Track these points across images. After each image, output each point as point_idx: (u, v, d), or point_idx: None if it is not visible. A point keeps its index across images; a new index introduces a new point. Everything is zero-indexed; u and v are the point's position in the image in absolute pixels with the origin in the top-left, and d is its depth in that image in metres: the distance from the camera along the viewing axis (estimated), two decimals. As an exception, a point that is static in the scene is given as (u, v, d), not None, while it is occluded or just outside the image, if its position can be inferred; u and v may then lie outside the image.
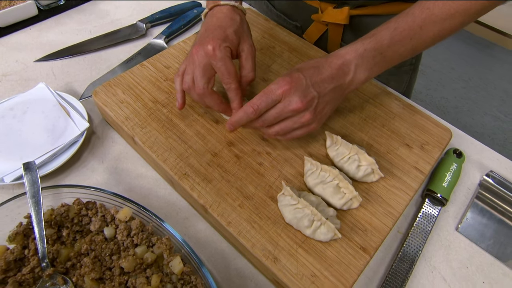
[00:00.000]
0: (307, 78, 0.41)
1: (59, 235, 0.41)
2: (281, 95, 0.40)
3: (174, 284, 0.38)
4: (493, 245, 0.48)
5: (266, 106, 0.41)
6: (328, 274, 0.39)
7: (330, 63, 0.42)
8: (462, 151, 0.55)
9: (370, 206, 0.45)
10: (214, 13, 0.48)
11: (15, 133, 0.49)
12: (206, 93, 0.44)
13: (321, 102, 0.42)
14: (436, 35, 0.42)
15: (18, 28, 0.68)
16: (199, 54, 0.43)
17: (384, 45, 0.42)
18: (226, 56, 0.43)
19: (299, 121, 0.41)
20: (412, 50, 0.43)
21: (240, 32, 0.47)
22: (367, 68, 0.43)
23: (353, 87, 0.44)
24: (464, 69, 2.07)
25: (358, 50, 0.42)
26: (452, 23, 0.41)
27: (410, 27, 0.41)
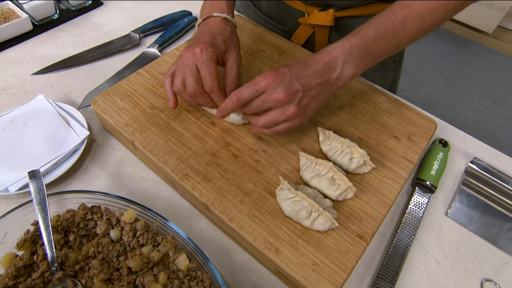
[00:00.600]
0: (292, 73, 0.42)
1: (66, 240, 0.42)
2: (264, 86, 0.41)
3: (181, 280, 0.39)
4: (480, 227, 0.50)
5: (249, 95, 0.42)
6: (328, 262, 0.40)
7: (318, 60, 0.44)
8: (448, 141, 0.57)
9: (364, 196, 0.46)
10: (207, 22, 0.51)
11: (17, 144, 0.50)
12: (197, 93, 0.46)
13: (306, 96, 0.43)
14: (419, 30, 0.43)
15: (14, 44, 0.68)
16: (188, 56, 0.46)
17: (369, 41, 0.43)
18: (211, 59, 0.45)
19: (284, 113, 0.42)
20: (397, 45, 0.44)
21: (228, 42, 0.49)
22: (354, 64, 0.44)
23: (341, 83, 0.45)
24: (445, 66, 2.13)
25: (345, 47, 0.43)
26: (432, 18, 0.42)
27: (393, 23, 0.43)
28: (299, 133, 0.52)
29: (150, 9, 0.80)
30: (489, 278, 0.45)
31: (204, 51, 0.45)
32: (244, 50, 0.64)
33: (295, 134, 0.52)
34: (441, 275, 0.45)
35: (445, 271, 0.46)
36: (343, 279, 0.39)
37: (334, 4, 0.59)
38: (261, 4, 0.73)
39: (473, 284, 0.45)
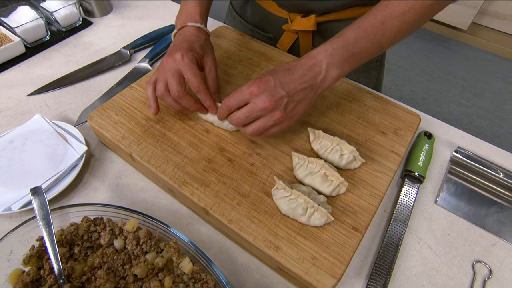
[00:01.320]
0: (276, 80, 0.43)
1: (71, 253, 0.42)
2: (248, 94, 0.43)
3: (186, 283, 0.40)
4: (468, 212, 0.52)
5: (236, 103, 0.44)
6: (326, 255, 0.41)
7: (302, 65, 0.44)
8: (432, 133, 0.59)
9: (356, 190, 0.47)
10: (182, 32, 0.53)
11: (17, 164, 0.50)
12: (181, 96, 0.48)
13: (292, 102, 0.43)
14: (399, 30, 0.44)
15: (7, 67, 0.68)
16: (169, 62, 0.47)
17: (351, 43, 0.44)
18: (192, 62, 0.47)
19: (271, 119, 0.43)
20: (378, 45, 0.45)
21: (204, 47, 0.52)
22: (338, 66, 0.45)
23: (326, 85, 0.45)
24: (426, 63, 2.17)
25: (328, 50, 0.44)
26: (411, 17, 0.43)
27: (373, 24, 0.44)
28: (291, 134, 0.53)
29: (138, 26, 0.81)
30: (480, 259, 0.47)
31: (185, 55, 0.47)
32: (232, 59, 0.65)
33: (286, 136, 0.53)
34: (435, 260, 0.46)
35: (438, 256, 0.47)
36: (342, 270, 0.40)
37: (315, 9, 0.61)
38: (246, 14, 0.75)
39: (465, 266, 0.46)
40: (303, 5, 0.61)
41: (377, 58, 0.72)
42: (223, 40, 0.69)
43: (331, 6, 0.60)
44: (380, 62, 0.74)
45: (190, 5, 0.54)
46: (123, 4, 0.88)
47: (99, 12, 0.83)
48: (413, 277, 0.45)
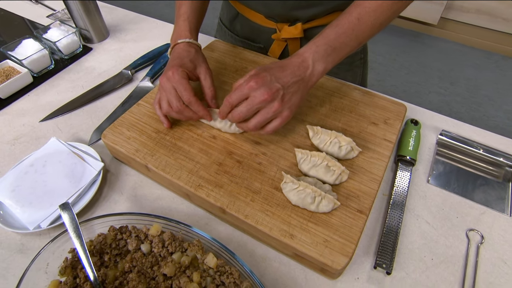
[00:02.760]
0: (271, 75, 0.46)
1: (102, 261, 0.44)
2: (247, 89, 0.45)
3: (212, 276, 0.42)
4: (457, 187, 0.55)
5: (237, 98, 0.47)
6: (337, 237, 0.43)
7: (292, 62, 0.48)
8: (418, 120, 0.63)
9: (357, 177, 0.50)
10: (175, 49, 0.57)
11: (40, 185, 0.51)
12: (181, 109, 0.51)
13: (287, 93, 0.47)
14: (374, 23, 0.48)
15: (18, 97, 0.70)
16: (164, 81, 0.51)
17: (332, 39, 0.48)
18: (182, 77, 0.51)
19: (271, 110, 0.46)
20: (356, 39, 0.49)
21: (195, 60, 0.55)
22: (323, 60, 0.48)
23: (315, 78, 0.49)
24: (404, 58, 2.24)
25: (312, 48, 0.48)
26: (384, 11, 0.47)
27: (349, 21, 0.48)
28: (291, 133, 0.56)
29: (135, 48, 0.84)
30: (472, 227, 0.50)
31: (175, 72, 0.50)
32: (228, 69, 0.68)
33: (288, 135, 0.56)
34: (433, 233, 0.49)
35: (435, 229, 0.50)
36: (352, 249, 0.42)
37: (300, 18, 0.64)
38: (235, 28, 0.78)
39: (460, 235, 0.49)
40: (289, 14, 0.65)
41: (360, 57, 0.76)
42: (218, 53, 0.72)
43: (315, 13, 0.63)
44: (364, 60, 0.78)
45: (180, 23, 0.58)
46: (118, 28, 0.91)
47: (97, 38, 0.85)
48: (415, 250, 0.48)
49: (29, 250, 0.48)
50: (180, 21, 0.57)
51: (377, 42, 2.33)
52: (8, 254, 0.48)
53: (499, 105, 1.90)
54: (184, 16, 0.56)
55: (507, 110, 1.87)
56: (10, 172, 0.54)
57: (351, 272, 0.46)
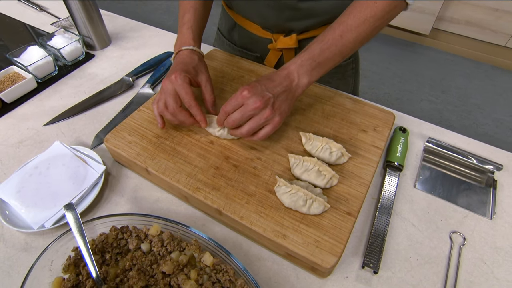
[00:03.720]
0: (262, 85, 0.50)
1: (103, 259, 0.46)
2: (241, 98, 0.49)
3: (208, 274, 0.44)
4: (442, 192, 0.58)
5: (232, 107, 0.50)
6: (327, 238, 0.46)
7: (279, 74, 0.51)
8: (406, 128, 0.66)
9: (346, 181, 0.53)
10: (178, 55, 0.59)
11: (44, 186, 0.53)
12: (177, 112, 0.53)
13: (277, 101, 0.50)
14: (356, 39, 0.51)
15: (22, 101, 0.72)
16: (166, 83, 0.53)
17: (316, 54, 0.51)
18: (185, 82, 0.53)
19: (263, 117, 0.49)
20: (340, 54, 0.52)
21: (197, 67, 0.57)
22: (307, 74, 0.51)
23: (300, 89, 0.52)
24: (397, 67, 2.29)
25: (297, 62, 0.51)
26: (366, 28, 0.50)
27: (333, 37, 0.51)
28: (285, 139, 0.58)
29: (136, 55, 0.86)
30: (455, 230, 0.52)
31: (178, 76, 0.52)
32: (226, 78, 0.71)
33: (282, 141, 0.58)
34: (418, 235, 0.52)
35: (420, 231, 0.52)
36: (341, 249, 0.44)
37: (295, 29, 0.67)
38: (233, 38, 0.81)
39: (444, 237, 0.51)
40: (284, 26, 0.67)
41: (352, 67, 0.79)
42: (216, 62, 0.75)
43: (309, 25, 0.66)
44: (355, 69, 0.81)
45: (184, 31, 0.60)
46: (120, 36, 0.93)
47: (99, 45, 0.87)
48: (401, 251, 0.50)
49: (33, 249, 0.50)
50: (184, 29, 0.59)
51: (371, 51, 2.38)
52: (13, 253, 0.49)
53: (488, 113, 1.94)
54: (188, 24, 0.59)
55: (496, 118, 1.92)
56: (15, 174, 0.55)
57: (340, 271, 0.48)
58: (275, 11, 0.64)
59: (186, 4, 0.60)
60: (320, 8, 0.62)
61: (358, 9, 0.50)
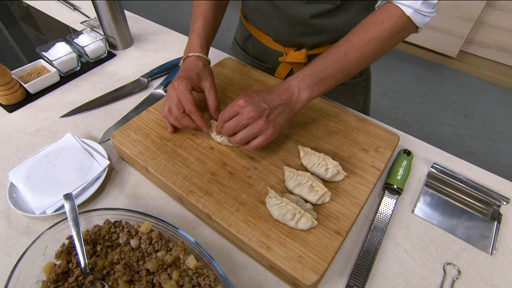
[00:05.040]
0: (259, 96, 0.50)
1: (94, 250, 0.47)
2: (237, 107, 0.49)
3: (190, 277, 0.44)
4: (442, 220, 0.56)
5: (228, 115, 0.51)
6: (311, 255, 0.45)
7: (279, 87, 0.52)
8: (411, 151, 0.64)
9: (340, 199, 0.52)
10: (185, 62, 0.61)
11: (51, 175, 0.56)
12: (179, 117, 0.55)
13: (273, 113, 0.50)
14: (360, 58, 0.51)
15: (45, 93, 0.76)
16: (170, 90, 0.56)
17: (318, 70, 0.51)
18: (186, 89, 0.54)
19: (256, 127, 0.49)
20: (343, 71, 0.52)
21: (201, 73, 0.59)
22: (308, 89, 0.51)
23: (300, 103, 0.52)
24: (419, 87, 2.23)
25: (299, 76, 0.52)
26: (370, 47, 0.50)
27: (336, 55, 0.51)
28: (284, 151, 0.59)
29: (155, 57, 0.90)
30: (450, 261, 0.50)
31: (180, 83, 0.54)
32: (235, 86, 0.72)
33: (280, 153, 0.58)
34: (410, 262, 0.50)
35: (413, 259, 0.51)
36: (324, 267, 0.44)
37: (305, 44, 0.68)
38: (247, 48, 0.82)
39: (437, 267, 0.49)
40: (295, 40, 0.68)
41: (363, 85, 0.78)
42: (228, 70, 0.76)
43: (319, 41, 0.67)
44: (366, 88, 0.80)
45: (193, 38, 0.62)
46: (142, 38, 0.97)
47: (122, 46, 0.92)
48: (390, 277, 0.49)
49: (33, 233, 0.52)
50: (192, 36, 0.61)
51: (394, 70, 2.33)
52: (15, 234, 0.52)
53: (513, 143, 1.85)
54: (196, 32, 0.61)
55: (522, 149, 1.82)
56: (27, 160, 0.59)
57: (323, 290, 0.47)
58: (287, 26, 0.65)
59: (197, 12, 0.63)
60: (331, 26, 0.62)
61: (364, 28, 0.49)
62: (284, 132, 0.62)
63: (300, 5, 0.61)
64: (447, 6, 2.02)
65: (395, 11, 0.49)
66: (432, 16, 0.50)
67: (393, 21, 0.49)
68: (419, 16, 0.49)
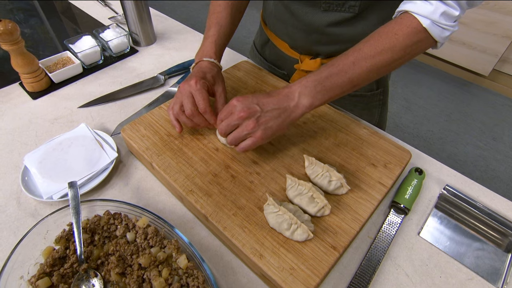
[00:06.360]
0: (254, 98, 0.49)
1: (92, 239, 0.48)
2: (231, 107, 0.49)
3: (180, 276, 0.44)
4: (449, 246, 0.53)
5: (224, 115, 0.51)
6: (304, 268, 0.44)
7: (279, 92, 0.51)
8: (423, 170, 0.61)
9: (340, 213, 0.50)
10: (198, 65, 0.61)
11: (62, 162, 0.58)
12: (194, 114, 0.54)
13: (264, 116, 0.49)
14: (370, 69, 0.48)
15: (68, 83, 0.79)
16: (185, 87, 0.55)
17: (323, 77, 0.49)
18: (203, 88, 0.54)
19: (246, 128, 0.48)
20: (350, 81, 0.49)
21: (216, 77, 0.59)
22: (310, 95, 0.49)
23: (300, 110, 0.50)
24: (446, 105, 2.14)
25: (302, 82, 0.50)
26: (382, 58, 0.47)
27: (344, 63, 0.48)
28: (289, 159, 0.58)
29: (175, 56, 0.91)
30: (452, 291, 0.47)
31: (197, 82, 0.54)
32: (248, 89, 0.72)
33: (285, 161, 0.57)
34: (409, 287, 0.47)
35: (413, 284, 0.48)
36: (315, 282, 0.42)
37: (321, 52, 0.67)
38: (265, 53, 0.82)
39: (437, 296, 0.47)
40: (311, 48, 0.67)
41: (379, 98, 0.76)
42: (242, 73, 0.76)
43: (334, 50, 0.65)
44: (383, 101, 0.77)
45: (207, 44, 0.62)
46: (165, 36, 1.00)
47: (144, 42, 0.94)
48: (386, 300, 0.46)
49: (39, 216, 0.54)
50: (207, 42, 0.62)
51: (421, 85, 2.25)
52: (22, 215, 0.54)
53: (544, 171, 1.73)
54: (212, 39, 0.61)
55: (553, 178, 1.70)
56: (42, 146, 0.61)
57: (314, 306, 0.45)
58: (303, 33, 0.64)
59: (213, 19, 0.63)
60: (347, 35, 0.61)
61: (377, 38, 0.47)
62: (291, 139, 0.61)
63: (317, 13, 0.60)
64: (481, 22, 1.93)
65: (411, 21, 0.46)
66: (453, 30, 0.47)
67: (407, 32, 0.46)
68: (438, 29, 0.46)
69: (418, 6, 0.46)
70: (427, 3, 0.45)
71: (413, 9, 0.46)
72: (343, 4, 0.57)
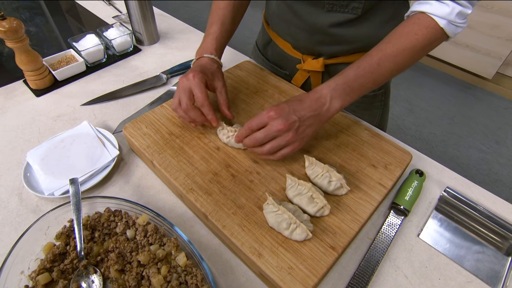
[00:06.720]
0: (290, 107, 0.49)
1: (92, 236, 0.49)
2: (267, 118, 0.49)
3: (179, 274, 0.44)
4: (449, 248, 0.52)
5: (256, 125, 0.50)
6: (302, 267, 0.44)
7: (310, 97, 0.51)
8: (424, 171, 0.61)
9: (340, 214, 0.50)
10: (199, 61, 0.61)
11: (64, 159, 0.59)
12: (189, 109, 0.55)
13: (302, 125, 0.49)
14: (393, 68, 0.49)
15: (71, 81, 0.80)
16: (183, 81, 0.55)
17: (351, 80, 0.50)
18: (201, 82, 0.54)
19: (285, 139, 0.49)
20: (374, 82, 0.50)
21: (215, 73, 0.59)
22: (340, 98, 0.50)
23: (331, 113, 0.51)
24: (449, 108, 2.13)
25: (331, 86, 0.50)
26: (403, 58, 0.48)
27: (370, 64, 0.49)
28: (290, 159, 0.58)
29: (178, 55, 0.92)
30: (451, 294, 0.47)
31: (195, 76, 0.54)
32: (250, 89, 0.72)
33: (286, 161, 0.57)
34: (407, 289, 0.47)
35: (412, 285, 0.48)
36: (314, 282, 0.42)
37: (323, 53, 0.67)
38: (267, 53, 0.82)
39: (436, 298, 0.46)
40: (313, 49, 0.67)
41: (381, 99, 0.76)
42: (244, 72, 0.76)
43: (337, 50, 0.65)
44: (384, 102, 0.77)
45: (208, 41, 0.63)
46: (168, 36, 1.00)
47: (148, 41, 0.95)
48: (384, 301, 0.46)
49: (41, 212, 0.54)
50: (208, 39, 0.62)
51: (423, 87, 2.25)
52: (24, 211, 0.55)
53: (547, 175, 1.72)
54: (213, 35, 0.62)
55: (556, 183, 1.69)
56: (45, 143, 0.62)
57: (312, 306, 0.45)
58: (306, 33, 0.64)
59: (215, 16, 0.63)
60: (350, 36, 0.61)
61: (398, 38, 0.48)
62: (292, 139, 0.61)
63: (320, 13, 0.60)
64: (485, 25, 1.92)
65: (429, 22, 0.47)
66: (463, 27, 0.49)
67: (427, 32, 0.47)
68: (452, 27, 0.48)
69: (434, 7, 0.47)
70: (443, 4, 0.47)
71: (430, 10, 0.47)
72: (347, 5, 0.58)
